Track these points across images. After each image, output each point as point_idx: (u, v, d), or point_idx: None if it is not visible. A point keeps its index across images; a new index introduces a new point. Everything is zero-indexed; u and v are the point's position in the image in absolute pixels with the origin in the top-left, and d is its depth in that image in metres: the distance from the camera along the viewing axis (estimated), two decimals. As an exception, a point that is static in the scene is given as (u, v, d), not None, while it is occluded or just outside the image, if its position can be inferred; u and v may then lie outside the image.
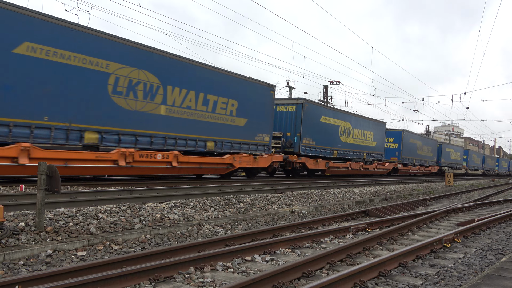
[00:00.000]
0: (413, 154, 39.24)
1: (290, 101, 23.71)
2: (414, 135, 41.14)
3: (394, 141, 37.02)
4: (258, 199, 11.45)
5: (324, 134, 24.76)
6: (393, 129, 37.91)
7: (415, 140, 40.37)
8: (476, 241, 7.99)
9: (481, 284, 4.25)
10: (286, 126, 23.02)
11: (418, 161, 40.76)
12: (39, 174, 6.17)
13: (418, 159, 40.99)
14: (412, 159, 39.15)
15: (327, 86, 41.04)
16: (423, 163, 42.17)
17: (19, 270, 4.78)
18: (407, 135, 38.16)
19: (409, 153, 38.33)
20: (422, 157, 42.22)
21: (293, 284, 4.76)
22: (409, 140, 38.75)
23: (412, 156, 39.19)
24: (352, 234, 8.06)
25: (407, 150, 37.82)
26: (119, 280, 4.26)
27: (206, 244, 6.07)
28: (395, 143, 37.07)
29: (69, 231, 6.26)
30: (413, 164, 39.24)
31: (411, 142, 39.00)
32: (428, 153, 44.16)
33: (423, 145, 42.16)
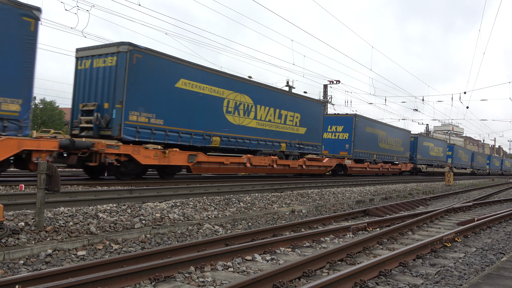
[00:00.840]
0: (373, 147, 30.94)
1: (107, 50, 14.35)
2: (375, 123, 32.27)
3: (344, 129, 28.65)
4: (258, 199, 11.44)
5: (181, 108, 15.95)
6: (342, 113, 30.08)
7: (375, 129, 31.61)
8: (477, 241, 7.98)
9: (482, 283, 4.25)
10: (100, 92, 14.27)
11: (381, 157, 32.46)
12: (39, 173, 6.16)
13: (382, 154, 32.67)
14: (371, 154, 30.76)
15: (327, 86, 41.02)
16: (389, 159, 34.15)
17: (19, 270, 4.78)
18: (362, 122, 29.51)
19: (366, 146, 29.95)
20: (388, 152, 33.98)
21: (293, 284, 4.75)
22: (366, 129, 30.09)
23: (372, 150, 30.82)
24: (352, 233, 8.06)
25: (363, 142, 29.58)
26: (119, 279, 4.25)
27: (206, 243, 6.06)
28: (345, 132, 28.71)
29: (69, 230, 6.26)
30: (373, 160, 31.13)
31: (369, 132, 30.55)
32: (397, 147, 36.01)
33: (388, 136, 33.89)
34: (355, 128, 28.65)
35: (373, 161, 31.22)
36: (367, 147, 30.32)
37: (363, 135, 29.70)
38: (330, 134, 29.15)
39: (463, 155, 57.53)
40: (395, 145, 35.70)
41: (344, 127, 28.86)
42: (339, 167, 27.79)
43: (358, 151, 29.18)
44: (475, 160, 62.67)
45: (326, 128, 28.26)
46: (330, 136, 29.09)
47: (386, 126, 34.50)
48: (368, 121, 31.06)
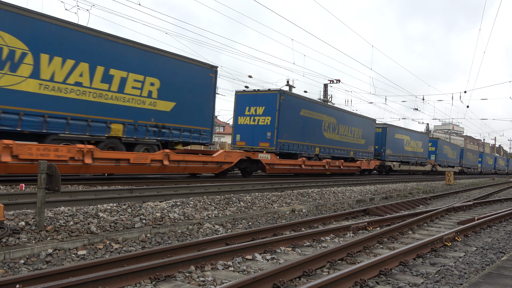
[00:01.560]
0: (313, 137, 24.03)
1: None
2: (317, 105, 24.87)
3: (266, 112, 21.22)
4: (259, 198, 11.44)
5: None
6: (263, 89, 21.93)
7: (317, 113, 24.30)
8: (477, 240, 7.98)
9: (482, 282, 4.25)
10: None
11: (328, 150, 25.53)
12: (39, 173, 6.17)
13: (329, 147, 25.63)
14: (309, 146, 23.64)
15: (327, 85, 41.01)
16: (342, 154, 27.18)
17: (20, 269, 4.78)
18: (292, 102, 22.11)
19: (300, 136, 22.88)
20: (341, 145, 27.02)
21: (293, 283, 4.75)
22: (300, 111, 22.82)
23: (312, 141, 23.89)
24: (352, 232, 8.06)
25: (296, 130, 22.45)
26: (119, 279, 4.25)
27: (206, 243, 6.07)
28: (266, 115, 21.25)
29: (69, 230, 6.26)
30: (314, 155, 24.23)
31: (306, 117, 23.23)
32: (356, 139, 29.12)
33: (340, 124, 26.84)
34: (281, 110, 21.03)
35: (314, 156, 24.27)
36: (303, 136, 23.13)
37: (295, 120, 22.38)
38: (248, 119, 21.92)
39: (450, 152, 50.76)
40: (352, 136, 28.31)
41: (265, 108, 21.27)
42: (252, 164, 20.23)
43: (286, 142, 21.72)
44: (465, 157, 56.89)
45: (243, 110, 21.93)
46: (248, 121, 21.90)
47: (336, 111, 26.88)
48: (303, 101, 23.37)
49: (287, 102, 21.80)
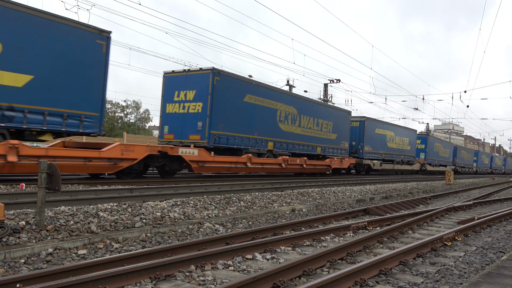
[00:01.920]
0: (265, 131, 20.11)
1: None
2: (267, 90, 20.58)
3: (197, 96, 17.32)
4: (259, 198, 11.45)
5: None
6: (194, 69, 17.98)
7: (268, 100, 20.25)
8: (477, 239, 7.99)
9: (482, 282, 4.25)
10: None
11: (286, 146, 21.71)
12: (39, 172, 6.17)
13: (288, 142, 21.81)
14: (260, 141, 19.74)
15: (327, 85, 41.00)
16: (305, 150, 23.28)
17: (20, 269, 4.79)
18: (230, 84, 17.92)
19: (245, 128, 18.93)
20: (303, 140, 23.10)
21: (293, 282, 4.76)
22: (244, 97, 18.72)
23: (263, 135, 20.01)
24: (352, 232, 8.06)
25: (238, 122, 18.47)
26: (120, 278, 4.26)
27: (206, 242, 6.07)
28: (197, 101, 17.35)
29: (69, 229, 6.27)
30: (266, 151, 20.30)
31: (251, 104, 19.14)
32: (325, 134, 25.06)
33: (302, 115, 22.80)
34: (215, 93, 17.05)
35: (266, 153, 20.39)
36: (249, 128, 19.17)
37: (238, 108, 18.49)
38: (177, 106, 17.98)
39: (442, 149, 47.10)
40: (319, 129, 24.48)
41: (196, 92, 17.34)
42: (173, 162, 16.05)
43: (224, 134, 17.79)
44: (459, 156, 53.30)
45: (172, 96, 18.04)
46: (177, 108, 17.94)
47: (296, 99, 23.07)
48: (249, 84, 19.15)
49: (224, 84, 17.71)
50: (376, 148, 31.76)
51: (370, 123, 30.96)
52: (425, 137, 43.01)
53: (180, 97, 17.98)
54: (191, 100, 17.66)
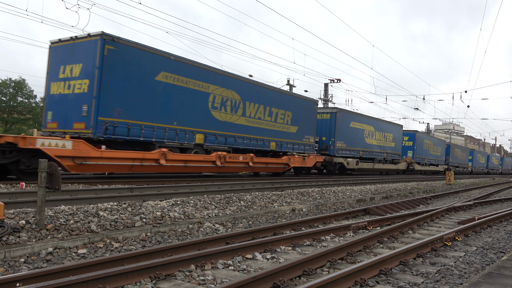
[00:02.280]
0: (190, 120, 16.04)
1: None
2: (192, 68, 16.18)
3: (82, 73, 13.34)
4: (259, 197, 11.44)
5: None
6: (82, 36, 13.59)
7: (191, 80, 15.99)
8: (477, 240, 7.98)
9: (482, 282, 4.25)
10: None
11: (225, 139, 17.62)
12: (39, 172, 6.17)
13: (227, 135, 17.72)
14: (184, 133, 15.80)
15: (327, 84, 40.99)
16: (253, 145, 19.17)
17: (20, 268, 4.79)
18: (131, 57, 13.82)
19: (158, 116, 14.81)
20: (250, 132, 18.98)
21: (294, 282, 4.75)
22: (156, 75, 14.65)
23: (189, 125, 16.00)
24: (352, 232, 8.06)
25: (147, 107, 14.40)
26: (120, 277, 4.26)
27: (206, 242, 6.07)
28: (83, 78, 13.35)
29: (69, 228, 6.26)
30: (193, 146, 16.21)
31: (167, 84, 15.06)
32: (282, 126, 21.07)
33: (245, 102, 18.66)
34: (106, 67, 13.01)
35: (193, 147, 16.25)
36: (164, 116, 14.89)
37: (146, 89, 14.28)
38: (62, 85, 13.81)
39: (432, 147, 43.36)
40: (273, 121, 20.46)
41: (83, 66, 13.32)
42: (33, 158, 11.76)
43: (124, 122, 13.61)
44: (452, 154, 49.73)
45: (57, 72, 13.99)
46: (62, 89, 13.80)
47: (239, 82, 18.46)
48: (162, 59, 14.78)
49: (123, 56, 13.49)
50: (352, 144, 27.62)
51: (343, 115, 26.76)
52: (412, 134, 39.13)
53: (65, 73, 13.78)
54: (76, 77, 13.43)
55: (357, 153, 28.48)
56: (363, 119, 29.65)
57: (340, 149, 26.42)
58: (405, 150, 38.07)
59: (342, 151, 26.62)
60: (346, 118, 27.15)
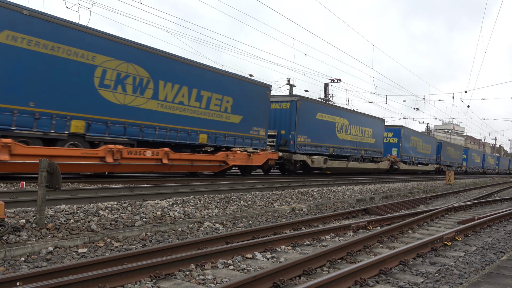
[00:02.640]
0: (59, 101, 12.12)
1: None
2: (62, 29, 12.05)
3: None
4: (259, 197, 11.45)
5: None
6: None
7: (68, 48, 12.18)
8: (477, 240, 7.99)
9: (482, 282, 4.25)
10: None
11: (124, 129, 13.91)
12: (40, 171, 6.17)
13: (127, 123, 13.96)
14: (51, 118, 11.90)
15: (327, 84, 40.97)
16: (174, 138, 15.70)
17: (20, 267, 4.79)
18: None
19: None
20: (166, 121, 15.31)
21: (293, 282, 4.76)
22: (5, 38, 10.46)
23: (56, 107, 12.07)
24: (352, 232, 8.06)
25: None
26: (120, 277, 4.26)
27: (206, 241, 6.07)
28: None
29: (70, 228, 6.27)
30: (66, 136, 12.34)
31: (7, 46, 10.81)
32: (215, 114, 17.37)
33: (156, 80, 14.87)
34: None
35: (69, 138, 12.57)
36: (18, 93, 11.35)
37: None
38: None
39: (421, 145, 39.87)
40: (202, 107, 16.73)
41: None
42: None
43: None
44: (444, 153, 46.09)
45: None
46: None
47: (141, 52, 14.48)
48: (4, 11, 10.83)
49: None
50: (318, 139, 23.98)
51: (306, 104, 23.08)
52: (397, 129, 35.26)
53: None
54: None
55: (326, 150, 25.04)
56: (334, 111, 26.28)
57: (303, 145, 22.86)
58: (389, 147, 34.82)
59: (305, 147, 23.06)
60: (310, 108, 23.49)
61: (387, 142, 34.76)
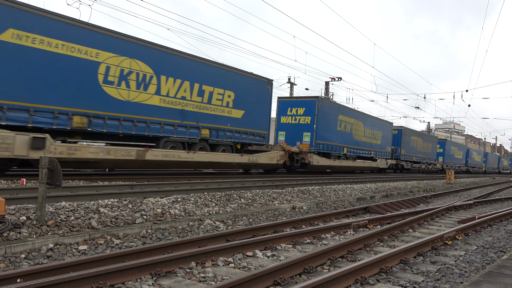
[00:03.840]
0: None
1: None
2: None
3: None
4: (259, 195, 11.45)
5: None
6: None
7: None
8: (477, 239, 7.98)
9: (482, 281, 4.24)
10: None
11: None
12: (40, 168, 6.17)
13: None
14: None
15: (328, 83, 40.93)
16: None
17: (21, 264, 4.79)
18: None
19: None
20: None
21: (294, 280, 4.75)
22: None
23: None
24: (353, 230, 8.06)
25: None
26: (120, 274, 4.26)
27: (207, 239, 6.07)
28: None
29: (70, 225, 6.27)
30: None
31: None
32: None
33: None
34: None
35: None
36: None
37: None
38: None
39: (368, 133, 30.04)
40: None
41: None
42: None
43: None
44: (407, 144, 36.45)
45: None
46: None
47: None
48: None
49: None
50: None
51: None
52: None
53: None
54: None
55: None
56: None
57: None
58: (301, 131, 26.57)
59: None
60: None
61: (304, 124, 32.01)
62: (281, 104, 25.34)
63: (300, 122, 24.36)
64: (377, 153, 31.79)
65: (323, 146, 24.78)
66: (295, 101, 25.33)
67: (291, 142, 23.95)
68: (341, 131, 26.57)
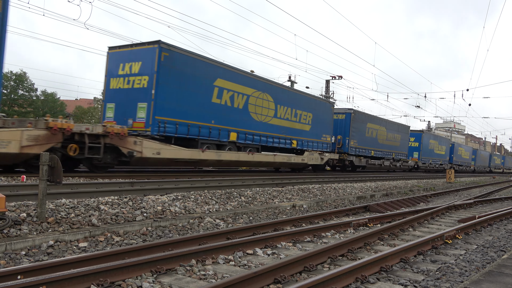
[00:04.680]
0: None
1: None
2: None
3: None
4: (259, 193, 11.45)
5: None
6: None
7: None
8: (477, 238, 7.98)
9: (483, 280, 4.24)
10: None
11: None
12: (41, 164, 6.16)
13: None
14: None
15: (329, 81, 40.89)
16: None
17: (21, 260, 4.79)
18: None
19: None
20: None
21: (294, 278, 4.75)
22: None
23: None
24: (353, 229, 8.06)
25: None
26: (120, 271, 4.26)
27: (207, 237, 6.07)
28: None
29: (70, 222, 6.27)
30: None
31: None
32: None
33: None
34: None
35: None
36: None
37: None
38: None
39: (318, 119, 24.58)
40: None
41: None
42: None
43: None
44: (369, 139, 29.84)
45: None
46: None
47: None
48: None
49: None
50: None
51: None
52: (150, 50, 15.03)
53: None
54: None
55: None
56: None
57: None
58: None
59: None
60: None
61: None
62: (112, 57, 16.30)
63: (134, 86, 15.43)
64: (304, 143, 23.60)
65: (171, 126, 15.45)
66: (128, 50, 15.89)
67: (122, 119, 15.11)
68: (217, 104, 17.68)
